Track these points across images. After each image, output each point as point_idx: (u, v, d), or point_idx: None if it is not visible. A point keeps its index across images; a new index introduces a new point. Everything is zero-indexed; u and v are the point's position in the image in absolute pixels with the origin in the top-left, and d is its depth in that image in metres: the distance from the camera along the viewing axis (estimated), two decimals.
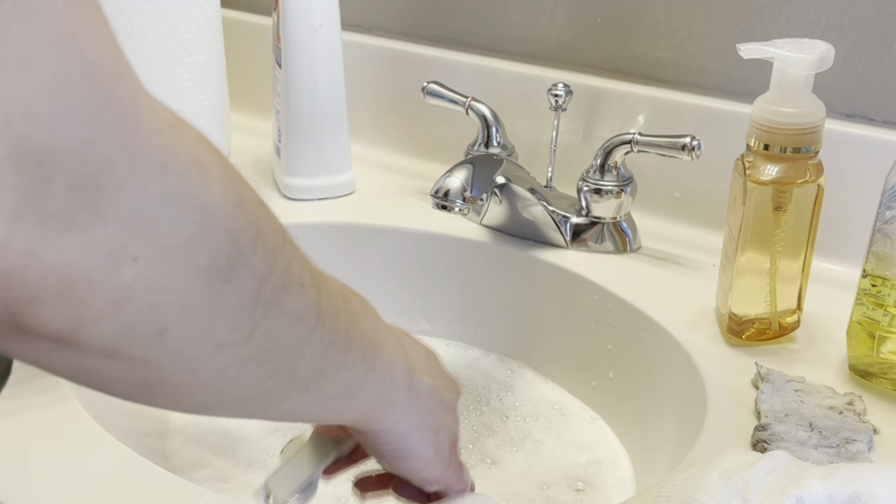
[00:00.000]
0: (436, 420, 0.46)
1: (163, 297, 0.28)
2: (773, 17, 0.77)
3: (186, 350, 0.30)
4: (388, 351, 0.42)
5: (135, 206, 0.27)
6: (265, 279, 0.32)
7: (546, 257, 0.77)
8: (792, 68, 0.60)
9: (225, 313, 0.30)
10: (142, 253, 0.27)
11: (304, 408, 0.39)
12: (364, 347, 0.40)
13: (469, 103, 0.82)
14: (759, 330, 0.65)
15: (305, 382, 0.37)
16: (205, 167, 0.29)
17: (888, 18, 0.73)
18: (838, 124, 0.74)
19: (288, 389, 0.36)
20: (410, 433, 0.45)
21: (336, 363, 0.38)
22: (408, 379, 0.44)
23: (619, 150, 0.75)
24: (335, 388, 0.39)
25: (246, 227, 0.31)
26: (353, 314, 0.39)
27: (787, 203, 0.63)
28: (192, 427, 0.69)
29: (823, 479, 0.44)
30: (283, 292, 0.33)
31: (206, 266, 0.29)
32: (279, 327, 0.33)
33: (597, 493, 0.64)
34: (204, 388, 0.33)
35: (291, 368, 0.35)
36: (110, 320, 0.28)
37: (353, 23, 0.96)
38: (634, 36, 0.84)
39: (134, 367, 0.30)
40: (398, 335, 0.45)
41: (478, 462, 0.67)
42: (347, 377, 0.39)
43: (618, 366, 0.72)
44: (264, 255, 0.32)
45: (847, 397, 0.58)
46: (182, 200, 0.28)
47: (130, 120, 0.27)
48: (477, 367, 0.78)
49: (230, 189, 0.30)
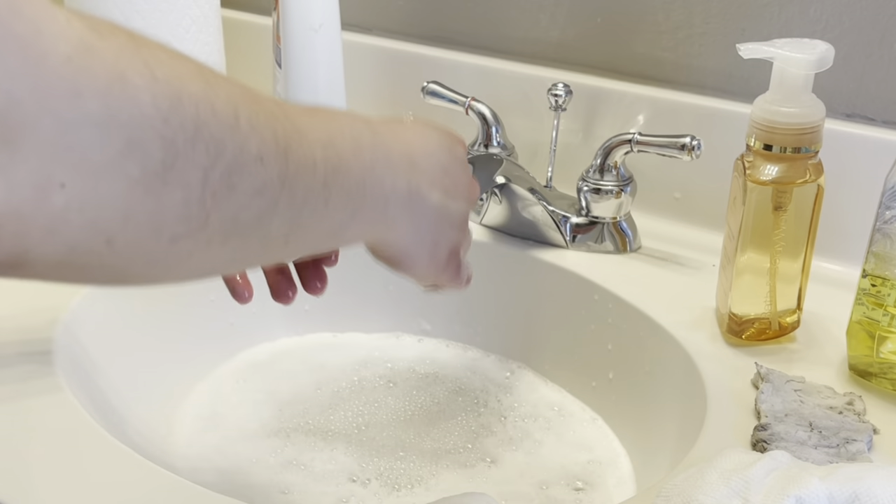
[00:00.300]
0: (436, 235, 0.47)
1: (100, 213, 0.29)
2: (773, 17, 0.77)
3: (140, 249, 0.31)
4: (382, 186, 0.42)
5: (52, 137, 0.27)
6: (210, 170, 0.32)
7: (546, 257, 0.77)
8: (792, 68, 0.60)
9: (171, 211, 0.31)
10: (68, 179, 0.28)
11: (292, 255, 0.40)
12: (349, 192, 0.39)
13: (469, 103, 0.82)
14: (758, 330, 0.66)
15: (283, 239, 0.37)
16: (127, 80, 0.29)
17: (888, 18, 0.73)
18: (838, 124, 0.74)
19: (266, 250, 0.37)
20: (407, 248, 0.46)
21: (314, 217, 0.38)
22: (409, 204, 0.44)
23: (619, 150, 0.75)
24: (319, 235, 0.39)
25: (182, 125, 0.31)
26: (338, 160, 0.39)
27: (786, 203, 0.63)
28: (193, 426, 0.69)
29: (823, 479, 0.44)
30: (234, 175, 0.33)
31: (138, 176, 0.29)
32: (235, 207, 0.33)
33: (596, 493, 0.64)
34: (174, 271, 0.34)
35: (262, 235, 0.35)
36: (52, 243, 0.29)
37: (353, 23, 0.96)
38: (634, 36, 0.84)
39: (93, 270, 0.31)
40: (409, 154, 0.44)
41: (477, 461, 0.67)
42: (331, 224, 0.39)
43: (618, 366, 0.72)
44: (207, 147, 0.31)
45: (847, 397, 0.58)
46: (103, 121, 0.28)
47: (33, 54, 0.27)
48: (476, 368, 0.78)
49: (161, 92, 0.30)
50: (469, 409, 0.73)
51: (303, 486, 0.63)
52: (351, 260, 0.82)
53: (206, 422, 0.70)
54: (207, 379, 0.75)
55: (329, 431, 0.69)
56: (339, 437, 0.69)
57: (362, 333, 0.82)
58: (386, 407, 0.73)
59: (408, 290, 0.82)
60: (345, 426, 0.70)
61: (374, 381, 0.76)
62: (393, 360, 0.79)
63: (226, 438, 0.68)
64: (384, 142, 0.43)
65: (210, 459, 0.66)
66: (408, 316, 0.82)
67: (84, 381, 0.61)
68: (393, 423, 0.71)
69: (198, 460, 0.66)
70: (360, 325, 0.82)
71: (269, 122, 0.35)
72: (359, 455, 0.67)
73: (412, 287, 0.82)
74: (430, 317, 0.82)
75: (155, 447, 0.65)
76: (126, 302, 0.71)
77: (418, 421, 0.71)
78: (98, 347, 0.67)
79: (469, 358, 0.79)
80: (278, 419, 0.70)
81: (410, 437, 0.69)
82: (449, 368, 0.78)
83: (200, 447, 0.67)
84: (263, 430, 0.69)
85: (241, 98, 0.34)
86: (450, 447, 0.68)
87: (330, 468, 0.65)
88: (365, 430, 0.70)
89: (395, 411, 0.72)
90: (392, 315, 0.83)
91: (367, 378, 0.76)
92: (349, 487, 0.64)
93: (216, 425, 0.69)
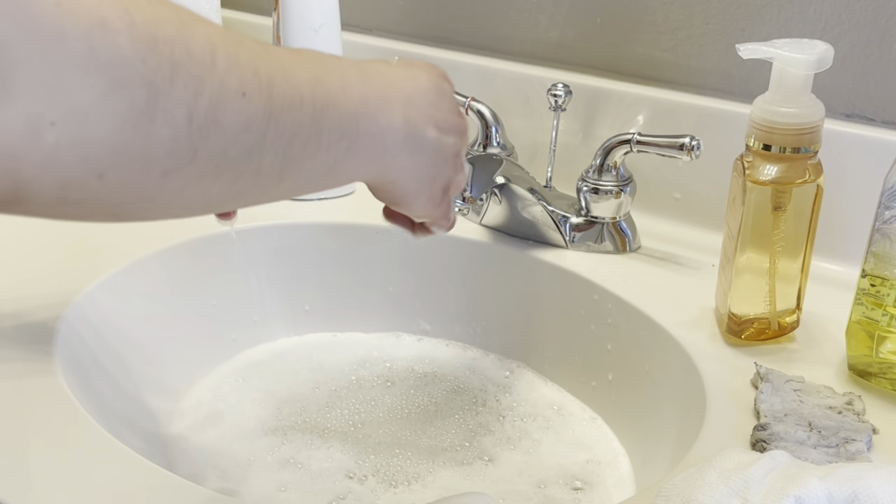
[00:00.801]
0: (433, 170, 0.48)
1: (90, 149, 0.31)
2: (773, 17, 0.77)
3: (132, 184, 0.33)
4: (377, 122, 0.43)
5: (40, 77, 0.29)
6: (193, 105, 0.33)
7: (546, 257, 0.77)
8: (791, 68, 0.60)
9: (160, 147, 0.33)
10: (58, 117, 0.30)
11: (290, 192, 0.41)
12: (341, 128, 0.41)
13: (469, 103, 0.82)
14: (758, 330, 0.66)
15: (278, 175, 0.38)
16: (108, 24, 0.31)
17: (888, 18, 0.73)
18: (837, 124, 0.74)
19: (261, 185, 0.38)
20: (407, 185, 0.47)
21: (306, 152, 0.39)
22: (404, 141, 0.45)
23: (619, 150, 0.75)
24: (315, 171, 0.40)
25: (160, 66, 0.32)
26: (326, 97, 0.40)
27: (786, 203, 0.63)
28: (192, 426, 0.69)
29: (823, 479, 0.44)
30: (219, 110, 0.34)
31: (125, 113, 0.31)
32: (224, 142, 0.35)
33: (595, 493, 0.64)
34: (170, 207, 0.36)
35: (254, 170, 0.37)
36: (46, 179, 0.31)
37: (353, 23, 0.96)
38: (634, 36, 0.84)
39: (89, 206, 0.33)
40: (400, 91, 0.46)
41: (474, 459, 0.67)
42: (326, 159, 0.40)
43: (617, 366, 0.72)
44: (186, 85, 0.33)
45: (846, 397, 0.58)
46: (87, 62, 0.30)
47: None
48: (476, 368, 0.78)
49: (139, 36, 0.32)
50: (467, 408, 0.73)
51: (300, 484, 0.63)
52: (351, 259, 0.83)
53: (205, 420, 0.70)
54: (207, 377, 0.75)
55: (326, 429, 0.69)
56: (336, 434, 0.69)
57: (362, 333, 0.82)
58: (383, 405, 0.73)
59: (408, 289, 0.82)
60: (342, 424, 0.70)
61: (372, 380, 0.76)
62: (392, 360, 0.79)
63: (224, 436, 0.68)
64: (373, 81, 0.44)
65: (208, 457, 0.66)
66: (407, 316, 0.82)
67: (84, 379, 0.61)
68: (390, 422, 0.71)
69: (196, 458, 0.66)
70: (359, 324, 0.82)
71: (251, 61, 0.36)
72: (355, 452, 0.67)
73: (412, 287, 0.82)
74: (430, 316, 0.82)
75: (154, 445, 0.65)
76: (126, 301, 0.71)
77: (416, 419, 0.71)
78: (98, 346, 0.67)
79: (468, 357, 0.79)
80: (276, 417, 0.70)
81: (407, 435, 0.69)
82: (448, 368, 0.78)
83: (199, 445, 0.67)
84: (261, 429, 0.69)
85: (220, 39, 0.35)
86: (447, 445, 0.68)
87: (327, 466, 0.65)
88: (362, 427, 0.70)
89: (393, 410, 0.72)
90: (392, 315, 0.83)
91: (365, 377, 0.76)
92: (346, 484, 0.64)
93: (214, 423, 0.69)
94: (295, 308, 0.82)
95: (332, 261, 0.83)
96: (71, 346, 0.63)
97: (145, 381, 0.69)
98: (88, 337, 0.66)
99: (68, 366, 0.60)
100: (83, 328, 0.66)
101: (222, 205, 0.38)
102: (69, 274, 0.69)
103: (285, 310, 0.81)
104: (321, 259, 0.82)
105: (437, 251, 0.81)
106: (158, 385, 0.70)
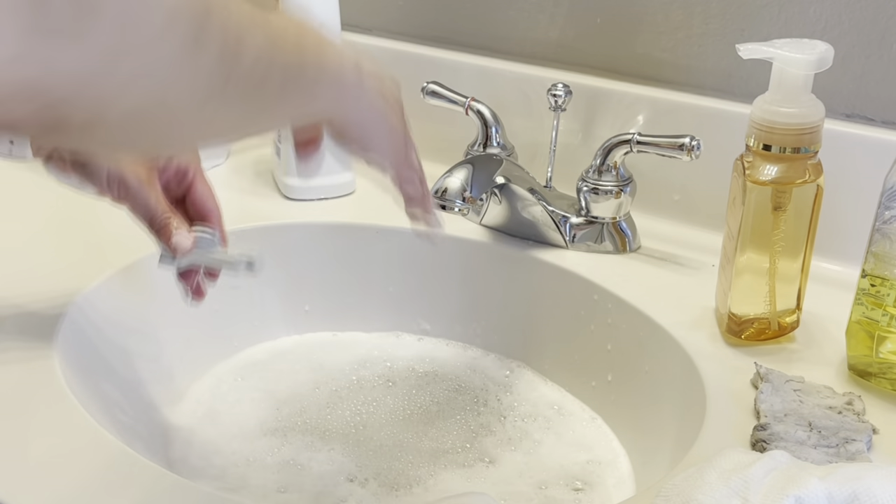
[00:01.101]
0: (387, 106, 0.51)
1: (155, 76, 0.35)
2: (773, 18, 0.77)
3: (181, 112, 0.37)
4: (334, 61, 0.47)
5: (117, 11, 0.32)
6: (225, 36, 0.38)
7: (545, 257, 0.77)
8: (791, 68, 0.60)
9: (203, 74, 0.37)
10: (131, 47, 0.33)
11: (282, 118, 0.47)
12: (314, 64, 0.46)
13: (469, 103, 0.82)
14: (758, 330, 0.66)
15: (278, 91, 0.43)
16: None
17: (888, 18, 0.73)
18: (837, 124, 0.74)
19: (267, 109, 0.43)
20: (368, 122, 0.50)
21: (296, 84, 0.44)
22: (361, 79, 0.49)
23: (619, 151, 0.75)
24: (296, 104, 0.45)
25: (199, 2, 0.37)
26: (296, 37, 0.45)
27: (786, 203, 0.63)
28: (191, 425, 0.69)
29: (823, 479, 0.44)
30: (241, 44, 0.39)
31: (181, 41, 0.35)
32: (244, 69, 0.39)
33: (595, 493, 0.64)
34: (201, 133, 0.41)
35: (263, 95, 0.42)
36: (121, 104, 0.34)
37: (353, 23, 0.96)
38: (634, 36, 0.84)
39: (146, 134, 0.38)
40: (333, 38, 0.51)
41: (475, 461, 0.67)
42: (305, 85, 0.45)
43: (617, 366, 0.72)
44: (219, 20, 0.38)
45: (846, 397, 0.58)
46: None
47: None
48: (476, 367, 0.78)
49: None
50: (468, 409, 0.73)
51: (300, 486, 0.63)
52: (351, 259, 0.83)
53: (204, 419, 0.70)
54: (206, 377, 0.75)
55: (327, 431, 0.69)
56: (337, 436, 0.69)
57: (362, 333, 0.82)
58: (384, 406, 0.73)
59: (408, 289, 0.82)
60: (343, 425, 0.70)
61: (372, 380, 0.76)
62: (392, 360, 0.79)
63: (223, 437, 0.68)
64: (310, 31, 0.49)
65: (207, 458, 0.66)
66: (408, 315, 0.82)
67: (84, 378, 0.61)
68: (391, 423, 0.71)
69: (195, 458, 0.66)
70: (360, 324, 0.82)
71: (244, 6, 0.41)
72: (357, 455, 0.67)
73: (412, 287, 0.82)
74: (430, 316, 0.82)
75: (153, 444, 0.65)
76: (126, 300, 0.71)
77: (417, 420, 0.71)
78: (99, 346, 0.67)
79: (469, 357, 0.79)
80: (276, 418, 0.70)
81: (409, 436, 0.69)
82: (448, 367, 0.78)
83: (198, 445, 0.67)
84: (261, 429, 0.69)
85: None
86: (448, 447, 0.68)
87: (328, 469, 0.65)
88: (363, 429, 0.70)
89: (394, 410, 0.72)
90: (392, 315, 0.83)
91: (365, 377, 0.76)
92: (347, 487, 0.64)
93: (214, 423, 0.69)
94: (295, 308, 0.82)
95: (332, 261, 0.83)
96: (71, 346, 0.63)
97: (145, 380, 0.69)
98: (89, 336, 0.66)
99: (68, 365, 0.60)
100: (84, 327, 0.66)
101: (235, 133, 0.43)
102: (69, 273, 0.69)
103: (285, 309, 0.81)
104: (321, 259, 0.82)
105: (438, 251, 0.81)
106: (158, 384, 0.70)
